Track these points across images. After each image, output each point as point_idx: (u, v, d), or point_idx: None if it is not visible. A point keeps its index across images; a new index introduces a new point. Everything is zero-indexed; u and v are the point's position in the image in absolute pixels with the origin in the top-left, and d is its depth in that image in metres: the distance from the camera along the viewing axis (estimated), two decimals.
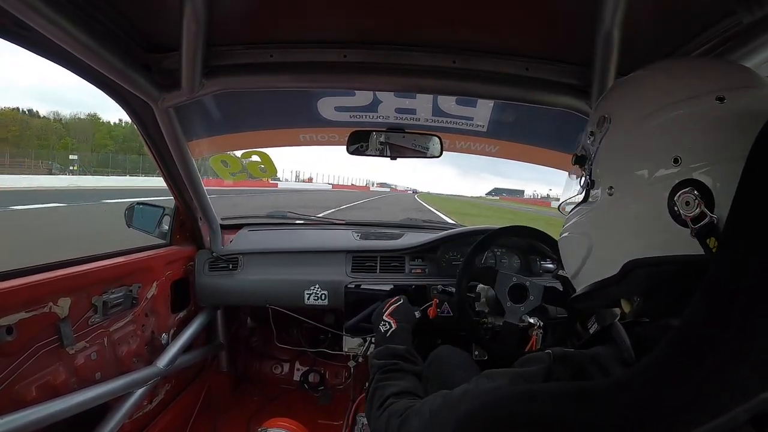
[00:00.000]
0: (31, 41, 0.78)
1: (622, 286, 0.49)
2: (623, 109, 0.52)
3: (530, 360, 0.47)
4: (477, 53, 1.00)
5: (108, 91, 1.03)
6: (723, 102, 0.44)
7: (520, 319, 1.16)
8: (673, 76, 0.51)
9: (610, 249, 0.51)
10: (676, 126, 0.46)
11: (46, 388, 0.92)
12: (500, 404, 0.43)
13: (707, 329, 0.34)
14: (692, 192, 0.42)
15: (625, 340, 0.42)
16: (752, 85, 0.46)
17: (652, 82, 0.53)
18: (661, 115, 0.47)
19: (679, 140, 0.45)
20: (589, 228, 0.55)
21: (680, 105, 0.46)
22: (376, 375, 0.80)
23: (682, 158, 0.44)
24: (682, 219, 0.43)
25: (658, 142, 0.46)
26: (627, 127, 0.50)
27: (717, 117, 0.44)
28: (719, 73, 0.48)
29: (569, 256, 0.59)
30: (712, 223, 0.41)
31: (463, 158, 21.00)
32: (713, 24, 0.76)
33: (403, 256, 1.59)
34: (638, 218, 0.47)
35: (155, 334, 1.35)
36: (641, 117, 0.48)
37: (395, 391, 0.71)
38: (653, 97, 0.49)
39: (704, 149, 0.43)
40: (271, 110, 1.53)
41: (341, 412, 1.74)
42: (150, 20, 0.90)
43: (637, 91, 0.53)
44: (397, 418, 0.62)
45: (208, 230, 1.58)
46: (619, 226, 0.50)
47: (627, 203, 0.49)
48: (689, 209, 0.42)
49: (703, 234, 0.41)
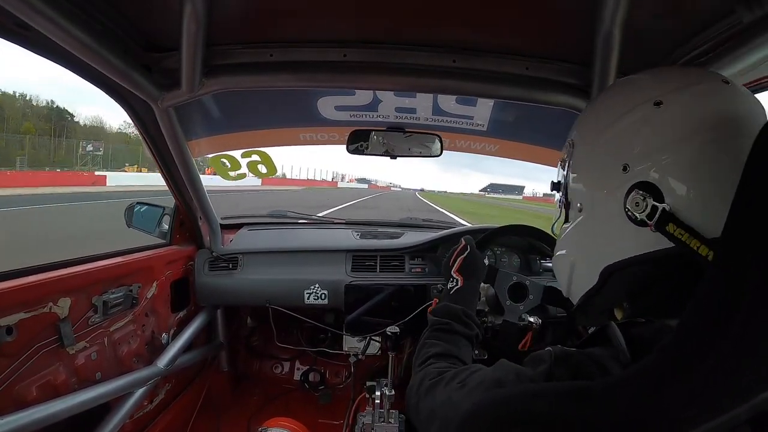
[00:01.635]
0: (32, 41, 0.77)
1: (604, 293, 0.52)
2: (583, 132, 0.58)
3: (534, 359, 0.49)
4: (477, 52, 1.00)
5: (108, 90, 1.03)
6: (660, 106, 0.47)
7: (519, 318, 1.16)
8: (617, 93, 0.57)
9: (588, 262, 0.54)
10: (623, 137, 0.50)
11: (46, 388, 0.92)
12: (503, 402, 0.44)
13: (707, 330, 0.34)
14: (638, 192, 0.46)
15: (621, 341, 0.43)
16: (691, 83, 0.49)
17: (602, 103, 0.58)
18: (610, 130, 0.52)
19: (625, 149, 0.49)
20: (568, 244, 0.59)
21: (623, 118, 0.50)
22: (428, 331, 0.80)
23: (629, 165, 0.48)
24: (639, 220, 0.46)
25: (609, 156, 0.51)
26: (585, 148, 0.56)
27: (656, 120, 0.47)
28: (658, 81, 0.53)
29: (559, 276, 0.63)
30: (665, 210, 0.44)
31: (444, 154, 20.34)
32: (713, 23, 0.76)
33: (402, 256, 1.60)
34: (606, 229, 0.51)
35: (155, 333, 1.35)
36: (595, 136, 0.54)
37: (438, 351, 0.72)
38: (603, 116, 0.54)
39: (648, 151, 0.47)
40: (271, 110, 1.53)
41: (341, 411, 1.74)
42: (150, 20, 0.89)
43: (590, 114, 0.59)
44: (428, 381, 0.62)
45: (207, 230, 1.58)
46: (592, 240, 0.54)
47: (594, 217, 0.53)
48: (639, 208, 0.46)
49: (661, 224, 0.44)
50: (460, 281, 0.92)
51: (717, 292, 0.35)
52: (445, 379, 0.60)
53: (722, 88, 0.48)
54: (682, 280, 0.44)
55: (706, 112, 0.45)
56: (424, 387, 0.62)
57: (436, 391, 0.59)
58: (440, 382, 0.60)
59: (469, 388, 0.53)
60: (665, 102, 0.47)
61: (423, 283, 1.50)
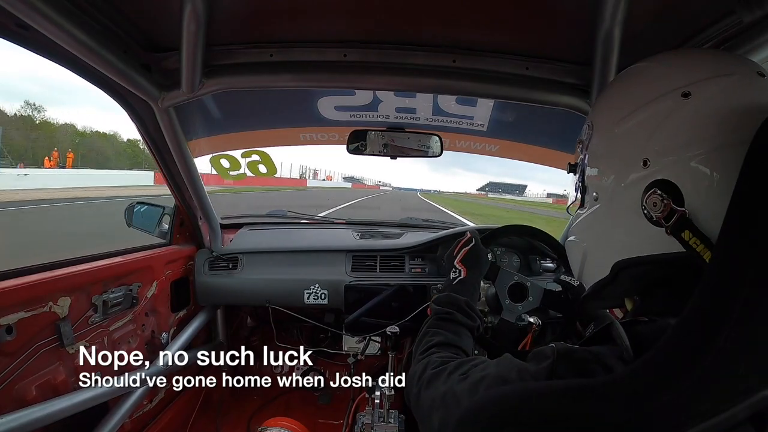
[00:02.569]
0: (32, 41, 0.78)
1: (616, 287, 0.52)
2: (600, 117, 0.54)
3: (537, 355, 0.48)
4: (477, 52, 1.00)
5: (108, 90, 1.03)
6: (688, 98, 0.44)
7: (518, 318, 1.16)
8: (641, 78, 0.52)
9: (601, 253, 0.53)
10: (644, 128, 0.47)
11: (45, 387, 0.92)
12: (505, 400, 0.44)
13: (706, 328, 0.34)
14: (656, 192, 0.44)
15: (624, 339, 0.42)
16: (722, 74, 0.45)
17: (623, 87, 0.54)
18: (630, 119, 0.48)
19: (647, 142, 0.46)
20: (582, 233, 0.57)
21: (647, 107, 0.47)
22: (430, 320, 0.80)
23: (650, 160, 0.45)
24: (655, 220, 0.44)
25: (629, 147, 0.48)
26: (603, 134, 0.53)
27: (682, 114, 0.44)
28: (686, 67, 0.48)
29: (572, 261, 0.62)
30: (684, 216, 0.42)
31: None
32: (713, 23, 0.76)
33: (402, 256, 1.60)
34: (620, 222, 0.49)
35: (155, 333, 1.35)
36: (614, 123, 0.50)
37: (441, 340, 0.71)
38: (624, 102, 0.50)
39: (671, 148, 0.44)
40: (272, 110, 1.53)
41: (341, 411, 1.74)
42: (150, 20, 0.90)
43: (611, 97, 0.55)
44: (431, 370, 0.62)
45: (207, 230, 1.58)
46: (605, 231, 0.52)
47: (609, 208, 0.51)
48: (657, 209, 0.43)
49: (677, 229, 0.42)
50: (463, 272, 0.92)
51: (715, 290, 0.35)
52: (448, 369, 0.59)
53: (757, 81, 0.44)
54: (688, 281, 0.43)
55: (737, 108, 0.41)
56: (426, 376, 0.62)
57: (438, 382, 0.58)
58: (443, 372, 0.59)
59: (471, 381, 0.52)
60: (693, 93, 0.44)
61: (423, 283, 1.50)
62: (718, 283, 0.35)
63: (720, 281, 0.35)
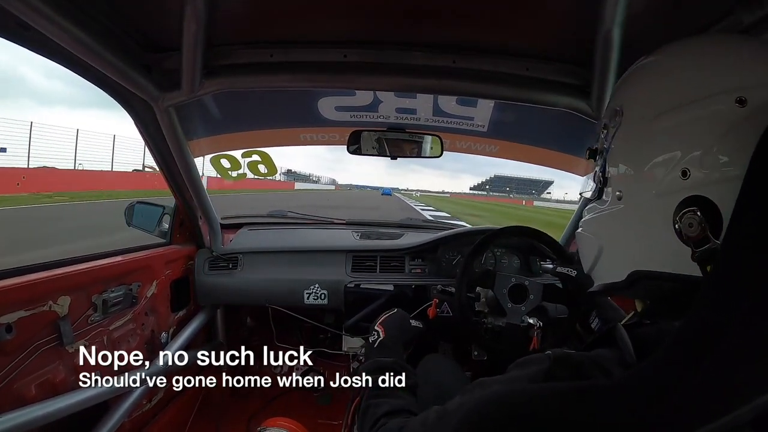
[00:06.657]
0: (32, 41, 0.78)
1: (630, 292, 0.49)
2: (635, 104, 0.47)
3: (529, 361, 0.47)
4: (477, 53, 1.00)
5: (108, 90, 1.03)
6: (744, 105, 0.38)
7: (521, 320, 1.15)
8: (690, 68, 0.44)
9: (618, 255, 0.50)
10: (688, 132, 0.41)
11: (45, 386, 0.92)
12: (499, 402, 0.43)
13: (708, 331, 0.34)
14: (696, 213, 0.38)
15: (627, 342, 0.42)
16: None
17: (665, 73, 0.46)
18: (672, 117, 0.42)
19: (689, 150, 0.40)
20: (599, 229, 0.53)
21: (693, 106, 0.40)
22: (367, 392, 0.77)
23: (690, 171, 0.39)
24: (685, 238, 0.40)
25: (667, 150, 0.42)
26: (637, 127, 0.46)
27: (734, 123, 0.38)
28: (744, 64, 0.41)
29: (584, 253, 0.58)
30: (715, 249, 0.37)
31: None
32: (713, 24, 0.75)
33: (403, 256, 1.59)
34: (644, 230, 0.45)
35: (155, 333, 1.35)
36: (652, 117, 0.44)
37: (388, 410, 0.67)
38: (666, 93, 0.44)
39: (717, 163, 0.38)
40: (272, 110, 1.54)
41: (341, 411, 1.74)
42: (150, 20, 0.90)
43: (650, 84, 0.47)
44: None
45: (208, 229, 1.58)
46: (626, 235, 0.48)
47: (634, 212, 0.46)
48: (692, 231, 0.39)
49: (704, 260, 0.38)
50: (381, 333, 0.94)
51: (718, 294, 0.35)
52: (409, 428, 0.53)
53: None
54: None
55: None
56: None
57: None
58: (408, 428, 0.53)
59: (449, 413, 0.47)
60: (750, 101, 0.37)
61: (423, 284, 1.50)
62: (722, 287, 0.35)
63: (724, 285, 0.35)
